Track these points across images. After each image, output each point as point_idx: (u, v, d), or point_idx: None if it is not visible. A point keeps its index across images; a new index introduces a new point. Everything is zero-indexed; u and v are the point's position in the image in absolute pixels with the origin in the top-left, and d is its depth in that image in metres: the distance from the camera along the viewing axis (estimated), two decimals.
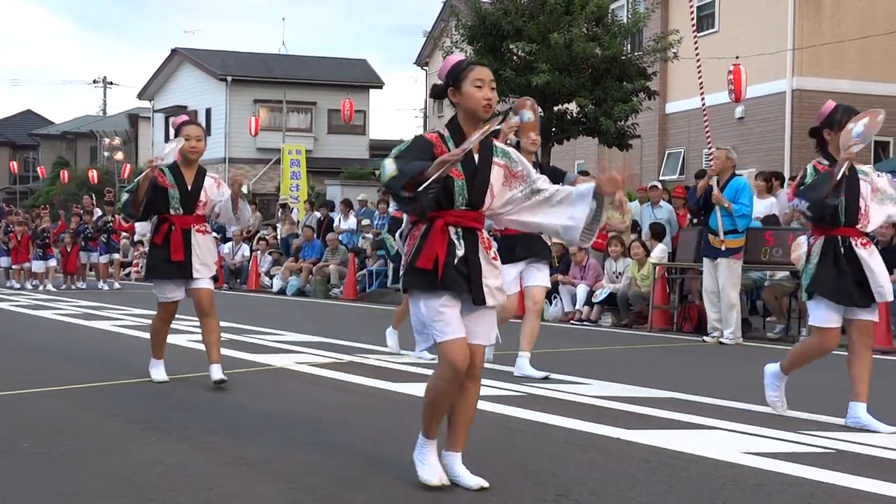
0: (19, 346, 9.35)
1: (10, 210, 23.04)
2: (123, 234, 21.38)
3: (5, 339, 9.98)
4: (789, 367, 5.70)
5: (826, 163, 5.47)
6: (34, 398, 6.11)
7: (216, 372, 6.31)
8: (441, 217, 3.77)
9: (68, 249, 18.63)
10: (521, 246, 7.07)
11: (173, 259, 6.16)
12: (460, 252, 3.76)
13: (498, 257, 3.96)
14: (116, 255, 19.98)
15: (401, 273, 4.04)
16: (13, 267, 19.31)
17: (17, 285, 18.91)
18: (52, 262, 18.48)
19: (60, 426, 5.20)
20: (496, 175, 3.91)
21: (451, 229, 3.75)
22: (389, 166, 3.80)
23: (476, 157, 3.85)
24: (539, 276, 7.39)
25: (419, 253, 3.75)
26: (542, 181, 4.05)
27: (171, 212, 6.29)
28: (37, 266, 18.46)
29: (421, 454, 3.87)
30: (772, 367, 5.73)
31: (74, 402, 6.03)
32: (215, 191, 6.51)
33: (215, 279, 7.12)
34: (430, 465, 3.83)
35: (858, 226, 5.44)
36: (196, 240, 6.31)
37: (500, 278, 3.95)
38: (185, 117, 6.40)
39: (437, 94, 4.04)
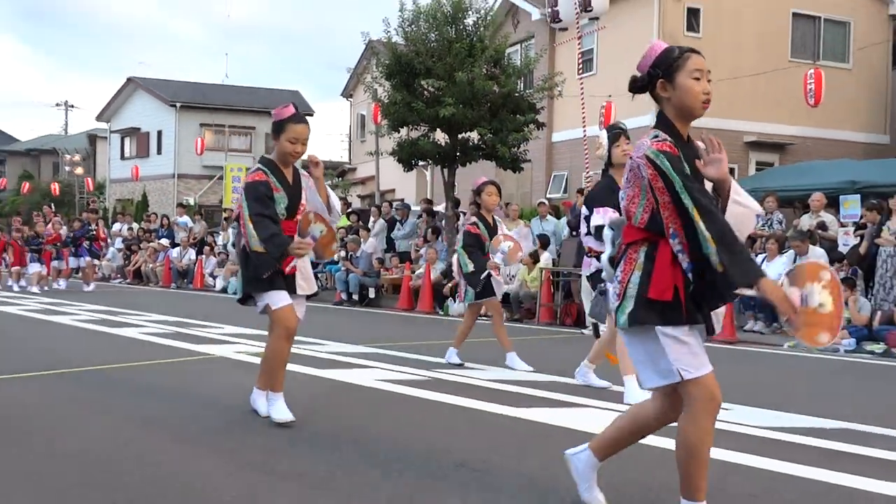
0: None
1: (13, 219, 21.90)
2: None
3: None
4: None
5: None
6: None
7: (277, 409, 4.62)
8: (667, 243, 2.81)
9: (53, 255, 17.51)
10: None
11: (286, 272, 4.60)
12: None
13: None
14: (96, 260, 19.05)
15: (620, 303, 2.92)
16: (12, 270, 17.80)
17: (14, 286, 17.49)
18: (43, 269, 17.27)
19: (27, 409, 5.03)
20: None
21: (681, 255, 2.77)
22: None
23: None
24: None
25: (648, 282, 2.80)
26: None
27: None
28: (33, 268, 17.21)
29: None
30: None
31: (38, 387, 5.82)
32: (313, 192, 4.87)
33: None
34: None
35: None
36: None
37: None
38: (290, 109, 4.63)
39: (638, 87, 3.02)
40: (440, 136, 16.39)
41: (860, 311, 10.03)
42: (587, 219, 5.58)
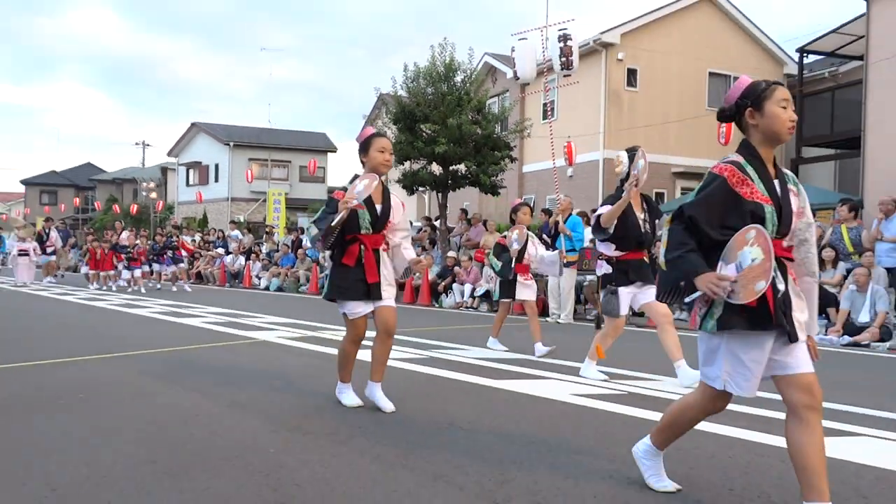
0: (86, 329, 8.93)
1: (89, 231, 21.50)
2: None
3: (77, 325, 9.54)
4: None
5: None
6: (91, 363, 5.84)
7: (380, 398, 4.25)
8: None
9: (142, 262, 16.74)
10: (633, 271, 5.20)
11: (369, 281, 4.14)
12: (781, 286, 2.42)
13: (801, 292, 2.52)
14: (182, 265, 18.07)
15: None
16: (90, 273, 17.40)
17: (97, 286, 17.09)
18: (138, 272, 16.60)
19: (107, 384, 4.98)
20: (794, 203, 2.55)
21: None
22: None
23: (776, 182, 2.52)
24: (653, 293, 5.17)
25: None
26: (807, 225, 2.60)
27: (362, 231, 4.17)
28: (125, 275, 16.76)
29: None
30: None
31: (117, 365, 5.78)
32: (400, 212, 4.42)
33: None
34: None
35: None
36: (383, 260, 4.30)
37: (805, 312, 2.50)
38: (370, 129, 4.34)
39: (726, 116, 2.65)
40: (435, 168, 16.40)
41: None
42: (594, 229, 5.23)
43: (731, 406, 2.61)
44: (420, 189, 17.38)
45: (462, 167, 16.15)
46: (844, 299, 9.13)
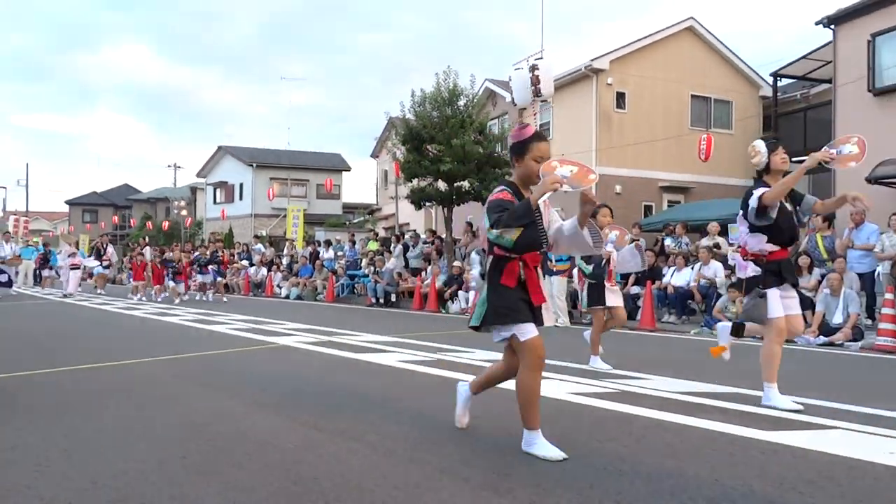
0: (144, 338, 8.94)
1: (135, 245, 21.09)
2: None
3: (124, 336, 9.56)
4: None
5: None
6: (138, 365, 5.86)
7: (543, 445, 3.16)
8: None
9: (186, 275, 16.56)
10: (786, 270, 4.33)
11: (535, 303, 3.24)
12: None
13: None
14: (222, 278, 17.74)
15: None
16: (139, 284, 17.18)
17: (136, 297, 16.88)
18: (182, 285, 16.35)
19: (152, 383, 4.99)
20: None
21: None
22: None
23: None
24: (797, 304, 4.39)
25: None
26: None
27: None
28: (170, 286, 16.32)
29: None
30: None
31: (151, 369, 5.80)
32: (555, 218, 3.46)
33: None
34: None
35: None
36: (541, 280, 3.38)
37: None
38: (531, 128, 3.30)
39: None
40: (441, 185, 16.42)
41: None
42: (758, 214, 4.17)
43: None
44: (427, 204, 17.41)
45: (466, 184, 16.16)
46: (819, 302, 9.08)
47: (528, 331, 3.17)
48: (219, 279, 17.20)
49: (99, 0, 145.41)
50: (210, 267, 16.90)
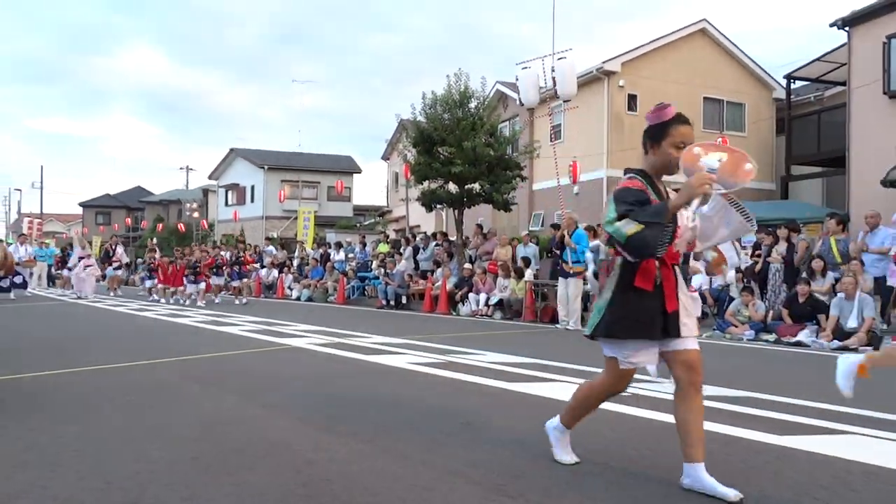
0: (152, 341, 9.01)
1: (153, 248, 21.04)
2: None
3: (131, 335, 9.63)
4: None
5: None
6: (140, 367, 5.90)
7: (713, 483, 2.65)
8: None
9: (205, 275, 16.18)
10: None
11: (669, 309, 2.68)
12: None
13: None
14: (246, 280, 17.51)
15: None
16: (158, 286, 16.96)
17: (161, 299, 16.65)
18: (202, 286, 16.02)
19: (155, 386, 5.02)
20: None
21: None
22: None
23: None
24: None
25: None
26: None
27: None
28: (190, 288, 15.97)
29: None
30: None
31: (164, 370, 5.84)
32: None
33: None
34: None
35: None
36: (681, 282, 2.79)
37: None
38: (672, 109, 2.77)
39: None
40: (452, 187, 16.43)
41: (757, 310, 9.92)
42: None
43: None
44: (438, 206, 17.43)
45: (476, 186, 16.17)
46: (833, 306, 9.00)
47: (635, 356, 2.73)
48: (244, 280, 17.09)
49: (111, 3, 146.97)
50: (234, 269, 16.83)
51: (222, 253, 18.44)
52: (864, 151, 14.54)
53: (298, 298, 18.59)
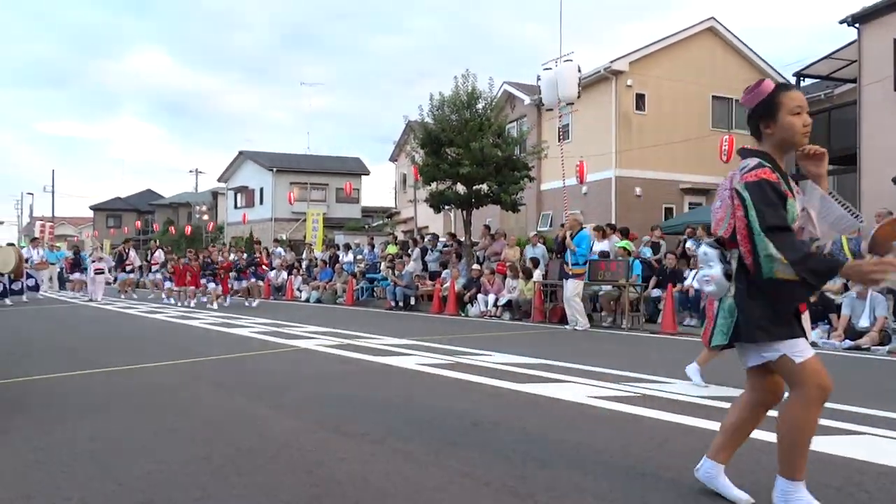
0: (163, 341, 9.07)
1: (169, 250, 21.04)
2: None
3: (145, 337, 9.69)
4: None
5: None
6: (153, 369, 5.94)
7: (728, 486, 2.62)
8: None
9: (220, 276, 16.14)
10: None
11: (802, 309, 2.48)
12: None
13: None
14: (261, 281, 17.39)
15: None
16: (175, 289, 17.08)
17: (176, 302, 16.63)
18: (220, 288, 16.06)
19: (166, 388, 5.05)
20: None
21: None
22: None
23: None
24: None
25: None
26: None
27: None
28: (211, 288, 15.95)
29: None
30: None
31: (176, 372, 5.87)
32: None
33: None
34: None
35: None
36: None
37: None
38: (768, 81, 2.50)
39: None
40: (460, 188, 16.42)
41: None
42: None
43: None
44: (446, 207, 17.43)
45: (484, 187, 16.16)
46: (845, 305, 8.92)
47: (804, 350, 2.35)
48: (259, 281, 17.04)
49: (120, 8, 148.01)
50: (250, 271, 16.76)
51: (233, 257, 18.43)
52: (874, 149, 14.43)
53: (308, 300, 18.64)
